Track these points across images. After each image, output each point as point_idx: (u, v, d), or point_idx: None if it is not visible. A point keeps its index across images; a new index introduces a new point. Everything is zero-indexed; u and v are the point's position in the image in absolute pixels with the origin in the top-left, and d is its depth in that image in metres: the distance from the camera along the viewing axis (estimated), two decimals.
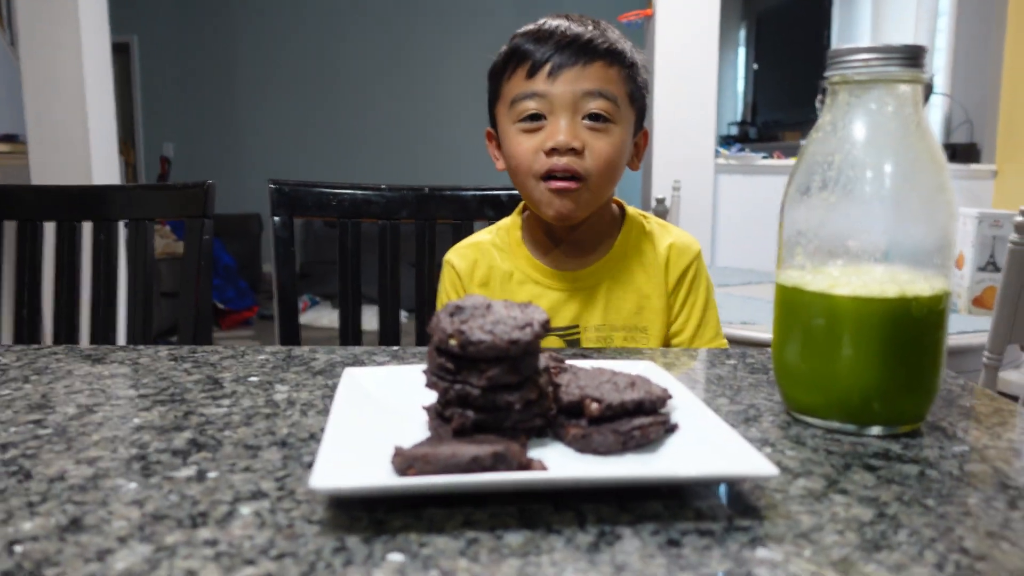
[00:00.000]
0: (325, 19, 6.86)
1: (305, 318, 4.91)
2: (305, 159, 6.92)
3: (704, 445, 0.50)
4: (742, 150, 3.68)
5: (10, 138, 3.39)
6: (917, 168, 0.56)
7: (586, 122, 0.93)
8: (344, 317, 1.27)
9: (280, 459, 0.52)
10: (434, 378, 0.51)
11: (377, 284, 1.29)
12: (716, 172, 3.37)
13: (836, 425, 0.58)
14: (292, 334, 1.26)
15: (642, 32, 3.49)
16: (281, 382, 0.71)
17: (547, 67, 0.92)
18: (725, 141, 4.56)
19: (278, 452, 0.53)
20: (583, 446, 0.51)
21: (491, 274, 1.04)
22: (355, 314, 1.28)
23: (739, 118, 6.44)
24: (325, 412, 0.62)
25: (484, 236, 1.08)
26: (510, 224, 1.07)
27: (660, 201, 2.65)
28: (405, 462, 0.45)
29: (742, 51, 6.55)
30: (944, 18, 3.80)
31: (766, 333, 1.77)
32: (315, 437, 0.56)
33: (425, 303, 1.30)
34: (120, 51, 6.69)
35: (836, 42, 4.80)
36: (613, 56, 0.94)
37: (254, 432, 0.57)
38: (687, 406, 0.56)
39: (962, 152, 3.52)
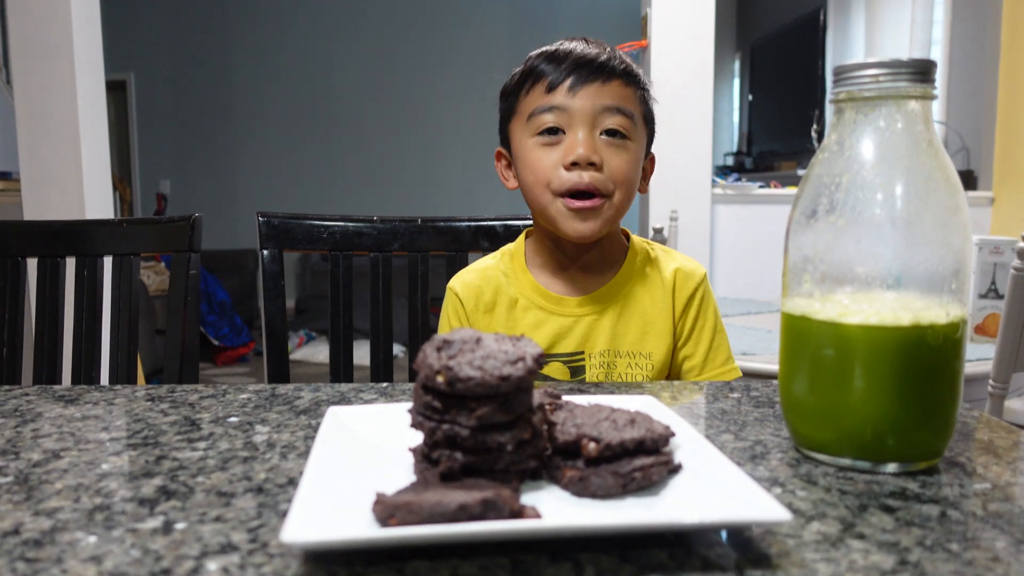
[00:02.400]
0: (321, 56, 6.90)
1: (301, 353, 4.87)
2: (302, 195, 6.92)
3: (710, 487, 0.47)
4: (738, 180, 3.68)
5: (3, 176, 3.38)
6: (930, 188, 0.53)
7: (603, 137, 0.93)
8: (335, 352, 1.24)
9: (255, 507, 0.48)
10: (420, 418, 0.48)
11: (369, 318, 1.26)
12: (713, 202, 3.37)
13: (849, 462, 0.55)
14: (281, 370, 1.22)
15: (638, 64, 3.50)
16: (262, 422, 0.67)
17: (567, 82, 0.92)
18: (721, 171, 4.56)
19: (253, 499, 0.50)
20: (580, 489, 0.47)
21: (497, 300, 1.02)
22: (347, 348, 1.24)
23: (735, 148, 6.47)
24: (306, 455, 0.58)
25: (489, 262, 1.06)
26: (514, 250, 1.06)
27: (658, 231, 2.63)
28: (386, 511, 0.41)
29: (737, 82, 6.59)
30: (938, 46, 3.82)
31: (766, 364, 1.75)
32: (294, 482, 0.53)
33: (419, 337, 1.26)
34: (117, 88, 6.73)
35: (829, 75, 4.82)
36: (629, 77, 0.96)
37: (229, 477, 0.54)
38: (691, 444, 0.53)
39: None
